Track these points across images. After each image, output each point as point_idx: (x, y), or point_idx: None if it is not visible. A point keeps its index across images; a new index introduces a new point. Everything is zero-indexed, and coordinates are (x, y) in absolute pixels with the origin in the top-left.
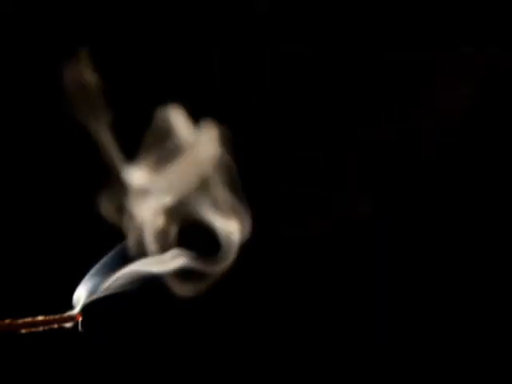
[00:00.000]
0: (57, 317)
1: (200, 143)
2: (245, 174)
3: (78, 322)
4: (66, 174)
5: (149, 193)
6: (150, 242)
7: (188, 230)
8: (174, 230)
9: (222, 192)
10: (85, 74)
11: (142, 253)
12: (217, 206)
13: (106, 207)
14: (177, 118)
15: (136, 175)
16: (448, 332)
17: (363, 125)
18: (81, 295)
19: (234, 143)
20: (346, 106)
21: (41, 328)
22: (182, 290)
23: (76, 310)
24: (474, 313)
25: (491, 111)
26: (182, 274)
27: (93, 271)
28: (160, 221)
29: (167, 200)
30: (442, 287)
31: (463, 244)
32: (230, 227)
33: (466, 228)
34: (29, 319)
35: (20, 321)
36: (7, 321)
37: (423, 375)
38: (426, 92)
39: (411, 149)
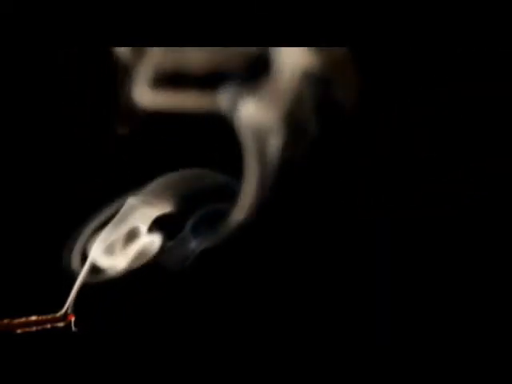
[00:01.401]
0: (49, 317)
1: None
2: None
3: (70, 322)
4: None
5: None
6: None
7: None
8: None
9: None
10: None
11: None
12: None
13: None
14: None
15: None
16: (448, 332)
17: (363, 125)
18: None
19: None
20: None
21: (34, 328)
22: None
23: (69, 311)
24: (475, 312)
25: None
26: None
27: None
28: None
29: None
30: (442, 287)
31: (463, 244)
32: None
33: (465, 228)
34: (23, 319)
35: (15, 321)
36: (6, 321)
37: (423, 375)
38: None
39: (411, 149)
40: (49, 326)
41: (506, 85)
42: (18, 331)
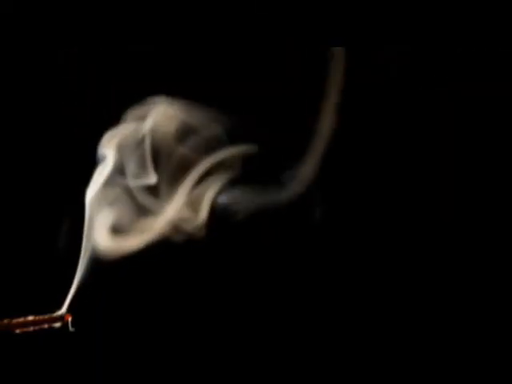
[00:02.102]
0: (46, 317)
1: None
2: None
3: (67, 322)
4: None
5: None
6: None
7: None
8: None
9: None
10: None
11: None
12: None
13: None
14: None
15: None
16: (448, 332)
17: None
18: None
19: None
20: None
21: (31, 328)
22: None
23: (64, 310)
24: (469, 312)
25: None
26: None
27: None
28: None
29: None
30: (442, 288)
31: (463, 245)
32: None
33: (465, 228)
34: (20, 319)
35: (13, 321)
36: (6, 321)
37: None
38: None
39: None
40: (46, 326)
41: (506, 85)
42: (17, 331)
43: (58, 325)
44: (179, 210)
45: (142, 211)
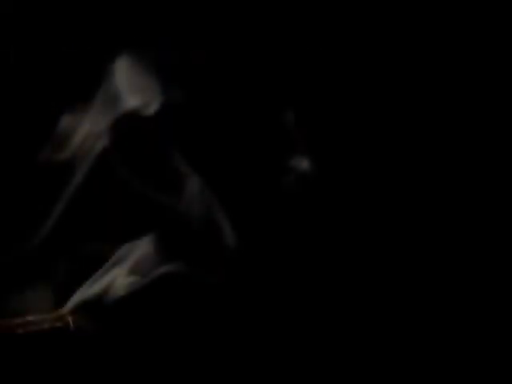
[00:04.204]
0: (47, 317)
1: None
2: None
3: (68, 322)
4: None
5: None
6: None
7: None
8: None
9: None
10: None
11: None
12: None
13: None
14: None
15: None
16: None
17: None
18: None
19: None
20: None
21: (32, 328)
22: None
23: (65, 310)
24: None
25: None
26: None
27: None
28: None
29: None
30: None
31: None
32: None
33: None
34: (20, 319)
35: (13, 321)
36: (6, 321)
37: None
38: None
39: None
40: (46, 326)
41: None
42: (19, 331)
43: (58, 325)
44: None
45: None
